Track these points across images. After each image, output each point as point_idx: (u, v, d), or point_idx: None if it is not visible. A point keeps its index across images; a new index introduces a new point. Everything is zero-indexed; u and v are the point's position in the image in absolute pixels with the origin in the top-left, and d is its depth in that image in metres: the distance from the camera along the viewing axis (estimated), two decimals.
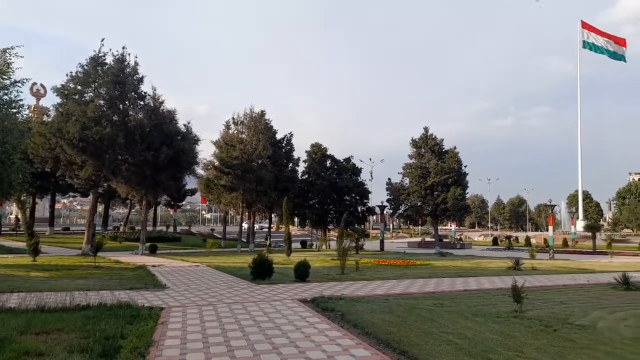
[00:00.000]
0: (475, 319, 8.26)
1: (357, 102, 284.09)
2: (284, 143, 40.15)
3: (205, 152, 49.78)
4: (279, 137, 39.67)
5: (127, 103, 27.23)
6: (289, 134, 40.66)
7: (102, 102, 26.14)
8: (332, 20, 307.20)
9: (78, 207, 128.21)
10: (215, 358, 5.85)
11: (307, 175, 44.21)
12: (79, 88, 25.94)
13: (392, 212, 42.50)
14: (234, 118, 37.02)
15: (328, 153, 45.08)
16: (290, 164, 40.38)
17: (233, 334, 7.07)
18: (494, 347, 6.39)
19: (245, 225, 43.55)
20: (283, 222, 30.97)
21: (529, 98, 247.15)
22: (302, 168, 43.87)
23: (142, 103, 28.01)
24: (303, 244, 40.39)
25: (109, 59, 26.37)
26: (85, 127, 23.92)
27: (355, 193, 44.43)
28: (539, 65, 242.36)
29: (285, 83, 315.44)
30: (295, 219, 49.01)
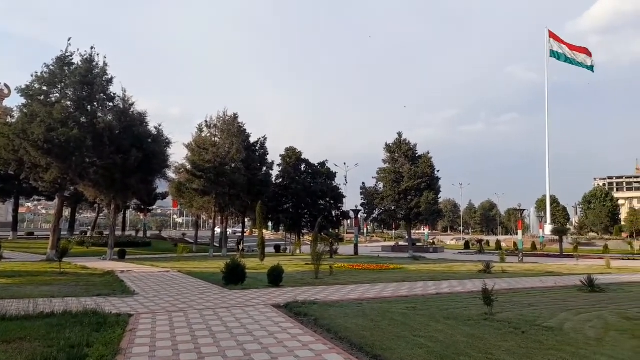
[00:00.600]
0: (447, 322, 8.36)
1: (332, 106, 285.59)
2: (258, 146, 39.88)
3: (177, 155, 49.15)
4: (253, 140, 39.41)
5: (95, 104, 26.48)
6: (263, 138, 40.45)
7: (69, 103, 25.38)
8: (307, 24, 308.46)
9: (43, 211, 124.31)
10: None
11: (281, 179, 44.02)
12: (45, 89, 25.10)
13: (366, 216, 42.80)
14: (207, 121, 36.68)
15: (303, 157, 45.04)
16: (264, 168, 40.11)
17: (204, 341, 6.93)
18: (465, 349, 6.47)
19: (218, 230, 43.01)
20: (256, 226, 30.71)
21: (499, 105, 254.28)
22: (276, 172, 43.73)
23: (111, 104, 27.29)
24: (277, 249, 40.15)
25: (77, 59, 25.69)
26: (51, 128, 23.17)
27: (330, 197, 44.48)
28: (509, 73, 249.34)
29: (261, 86, 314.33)
30: (269, 224, 48.69)
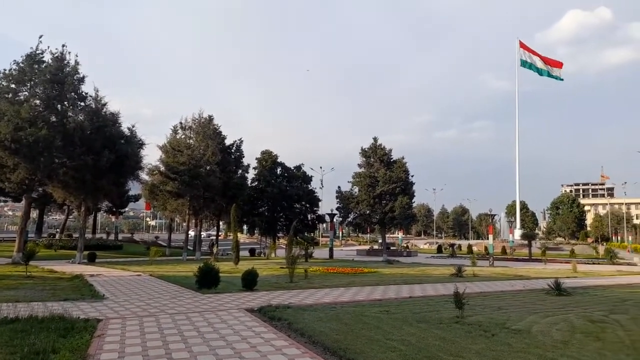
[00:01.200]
0: (420, 326, 8.47)
1: (308, 110, 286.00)
2: (234, 149, 39.53)
3: (151, 156, 48.34)
4: (229, 143, 39.06)
5: (66, 104, 25.83)
6: (239, 140, 40.11)
7: (38, 102, 24.70)
8: (280, 26, 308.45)
9: (9, 212, 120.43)
10: None
11: (257, 183, 43.79)
12: (13, 87, 24.42)
13: (341, 220, 42.88)
14: (182, 123, 36.19)
15: (279, 160, 44.94)
16: (240, 171, 39.77)
17: (175, 346, 6.82)
18: (436, 352, 6.57)
19: (192, 233, 42.42)
20: (231, 229, 30.43)
21: (472, 112, 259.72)
22: (252, 175, 43.45)
23: (82, 104, 26.65)
24: (252, 252, 39.86)
25: (47, 57, 25.03)
26: (19, 128, 22.46)
27: (306, 201, 44.49)
28: (482, 81, 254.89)
29: (236, 89, 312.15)
30: (244, 227, 48.31)
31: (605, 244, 70.85)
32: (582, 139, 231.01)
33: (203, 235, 48.06)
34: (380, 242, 46.68)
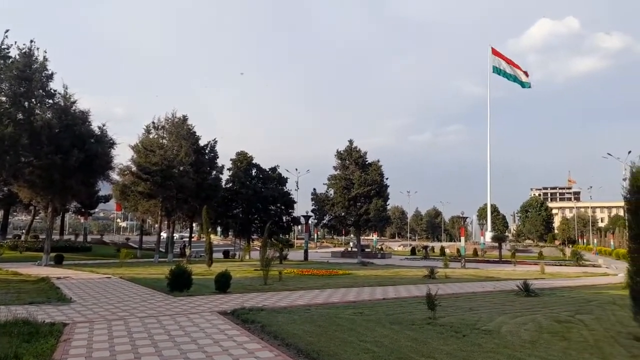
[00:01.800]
0: (392, 327, 8.53)
1: (284, 113, 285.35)
2: (208, 150, 39.00)
3: (122, 156, 47.28)
4: (203, 143, 38.54)
5: (33, 101, 25.05)
6: (213, 141, 39.59)
7: (3, 98, 23.87)
8: (253, 27, 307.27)
9: None
10: None
11: (231, 184, 43.31)
12: None
13: (316, 222, 42.87)
14: (155, 122, 35.46)
15: (254, 162, 44.58)
16: (214, 172, 39.28)
17: (145, 350, 6.67)
18: (409, 353, 6.63)
19: (164, 235, 41.69)
20: (204, 231, 30.04)
21: (446, 116, 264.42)
22: (226, 176, 42.95)
23: (50, 102, 25.92)
24: (225, 254, 39.43)
25: (14, 53, 24.21)
26: None
27: (281, 203, 44.25)
28: (456, 86, 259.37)
29: (211, 89, 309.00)
30: (218, 229, 47.73)
31: (572, 247, 73.22)
32: (550, 144, 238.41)
33: (176, 237, 47.30)
34: (355, 244, 46.92)
